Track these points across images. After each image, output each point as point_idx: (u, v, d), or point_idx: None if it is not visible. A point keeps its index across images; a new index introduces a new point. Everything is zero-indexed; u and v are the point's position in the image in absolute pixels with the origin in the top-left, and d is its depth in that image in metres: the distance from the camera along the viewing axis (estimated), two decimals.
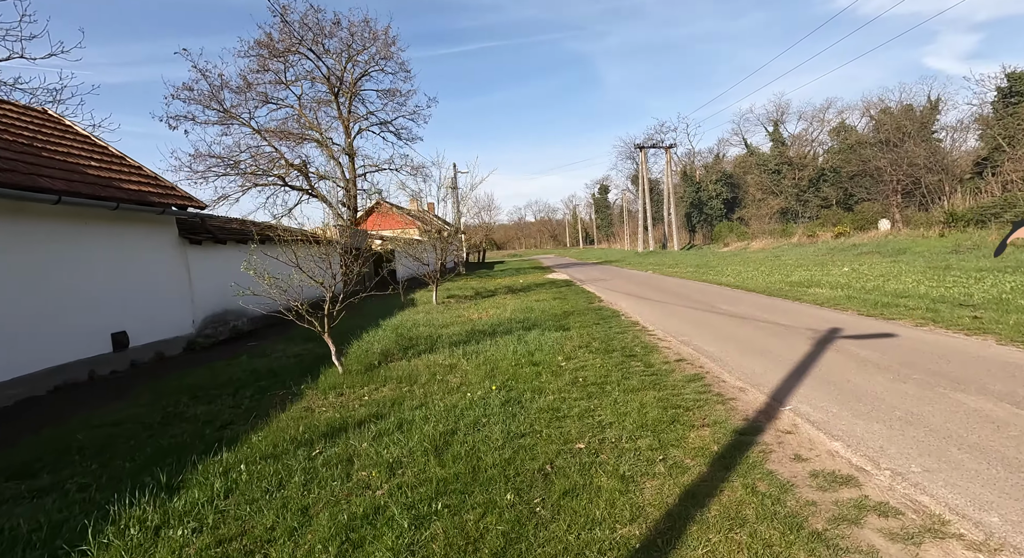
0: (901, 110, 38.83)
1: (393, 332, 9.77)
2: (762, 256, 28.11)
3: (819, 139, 50.06)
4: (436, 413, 5.00)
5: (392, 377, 6.57)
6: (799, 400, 4.97)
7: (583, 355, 7.27)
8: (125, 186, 8.46)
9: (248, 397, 6.14)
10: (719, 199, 53.12)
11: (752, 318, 9.51)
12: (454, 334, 9.33)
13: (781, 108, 51.16)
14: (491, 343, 8.26)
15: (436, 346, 8.33)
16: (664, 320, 10.06)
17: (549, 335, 8.75)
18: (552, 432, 4.41)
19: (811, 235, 32.24)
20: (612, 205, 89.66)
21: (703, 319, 9.87)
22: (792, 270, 18.19)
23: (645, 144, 53.01)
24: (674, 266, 26.03)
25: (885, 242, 24.34)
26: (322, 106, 23.86)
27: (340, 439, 4.44)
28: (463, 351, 7.77)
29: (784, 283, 14.40)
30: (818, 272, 16.78)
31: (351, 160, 24.46)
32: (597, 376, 6.09)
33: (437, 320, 11.34)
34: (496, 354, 7.52)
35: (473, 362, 7.16)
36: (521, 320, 10.64)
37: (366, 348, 8.29)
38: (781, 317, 9.38)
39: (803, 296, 11.67)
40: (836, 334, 7.63)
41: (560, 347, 7.79)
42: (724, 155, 60.30)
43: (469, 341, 8.56)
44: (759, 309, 10.50)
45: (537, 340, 8.33)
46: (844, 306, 9.94)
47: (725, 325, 9.07)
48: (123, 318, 8.44)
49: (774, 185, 47.41)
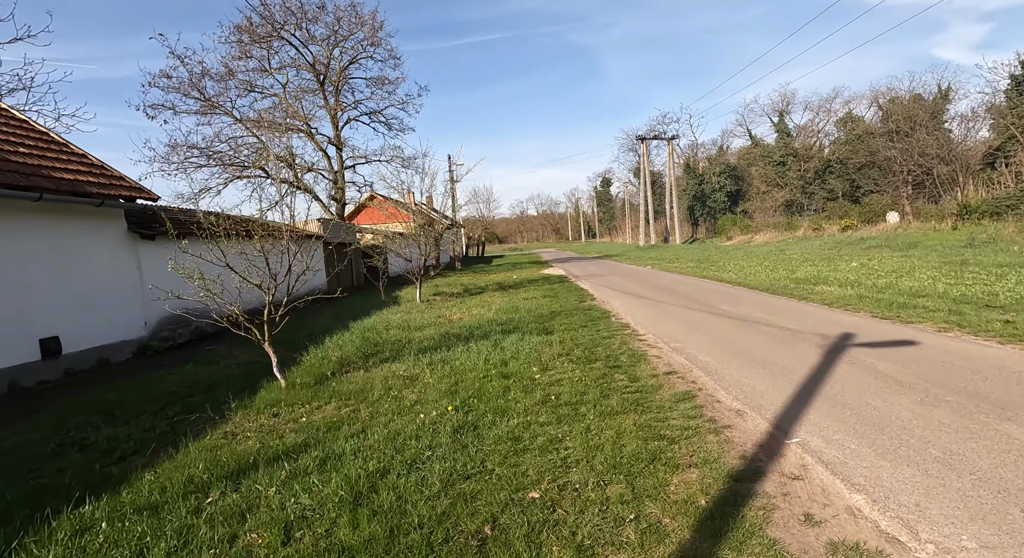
0: (910, 99, 37.62)
1: (361, 336, 8.95)
2: (766, 250, 27.16)
3: (825, 130, 48.83)
4: (373, 443, 4.18)
5: (341, 392, 5.76)
6: (808, 429, 4.12)
7: (562, 365, 6.44)
8: (56, 175, 7.63)
9: (170, 417, 5.34)
10: (722, 192, 52.00)
11: (754, 321, 8.64)
12: (427, 338, 8.51)
13: (786, 98, 49.94)
14: (463, 350, 7.44)
15: (403, 353, 7.51)
16: (657, 322, 9.20)
17: (529, 340, 7.91)
18: (505, 472, 3.58)
19: (817, 228, 31.24)
20: (614, 198, 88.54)
21: (700, 321, 9.00)
22: (797, 265, 17.28)
23: (647, 135, 51.89)
24: (674, 261, 25.12)
25: (895, 235, 23.36)
26: (307, 95, 22.95)
27: (246, 481, 3.62)
28: (430, 360, 6.95)
29: (789, 280, 13.51)
30: (825, 267, 15.87)
31: (339, 151, 23.59)
32: (573, 393, 5.25)
33: (414, 321, 10.52)
34: (466, 363, 6.70)
35: (437, 373, 6.34)
36: (503, 321, 9.81)
37: (324, 355, 7.48)
38: (786, 320, 8.52)
39: (810, 295, 10.79)
40: (849, 341, 6.76)
41: (538, 355, 6.95)
42: (728, 147, 59.12)
43: (440, 347, 7.74)
44: (762, 310, 9.63)
45: (514, 347, 7.50)
46: (856, 307, 9.06)
47: (723, 329, 8.21)
48: (56, 322, 7.64)
49: (779, 177, 46.28)
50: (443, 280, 22.10)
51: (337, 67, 23.29)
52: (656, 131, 53.77)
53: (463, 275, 25.25)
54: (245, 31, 20.13)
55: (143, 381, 7.07)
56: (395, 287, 18.68)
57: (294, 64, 22.50)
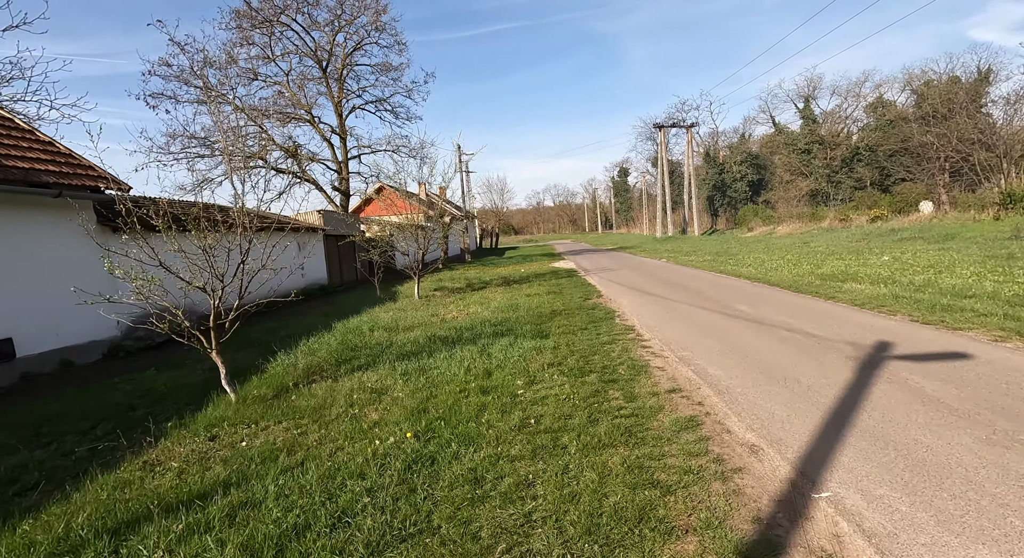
0: (947, 82, 35.52)
1: (341, 338, 8.28)
2: (789, 242, 25.84)
3: (854, 116, 46.63)
4: (306, 484, 3.47)
5: (297, 409, 5.07)
6: (842, 478, 3.27)
7: (551, 378, 5.65)
8: (9, 164, 7.06)
9: (98, 437, 4.71)
10: (743, 181, 50.21)
11: (773, 324, 7.71)
12: (411, 341, 7.79)
13: (812, 83, 47.75)
14: (446, 356, 6.70)
15: (380, 359, 6.80)
16: (665, 325, 8.33)
17: (521, 345, 7.14)
18: (452, 532, 2.83)
19: (844, 219, 29.70)
20: (632, 188, 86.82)
21: (712, 324, 8.11)
22: (823, 259, 16.13)
23: (665, 123, 50.28)
24: (691, 253, 24.02)
25: (929, 226, 21.90)
26: (310, 83, 22.31)
27: (130, 541, 2.93)
28: (406, 368, 6.23)
29: (814, 276, 12.45)
30: (854, 262, 14.73)
31: (343, 141, 22.96)
32: (556, 416, 4.47)
33: (404, 320, 9.82)
34: (445, 373, 5.97)
35: (411, 385, 5.62)
36: (499, 322, 9.05)
37: (292, 362, 6.80)
38: (811, 323, 7.58)
39: (838, 294, 9.78)
40: (886, 352, 5.83)
41: (526, 365, 6.17)
42: (750, 135, 57.07)
43: (423, 352, 7.02)
44: (784, 311, 8.69)
45: (503, 353, 6.73)
46: (891, 308, 8.06)
47: (739, 334, 7.31)
48: (11, 322, 7.10)
49: (803, 166, 44.39)
50: (449, 274, 21.42)
51: (341, 54, 22.59)
52: (675, 119, 52.09)
53: (470, 268, 24.54)
54: (244, 16, 19.52)
55: (97, 389, 6.50)
56: (398, 281, 18.06)
57: (297, 51, 21.86)
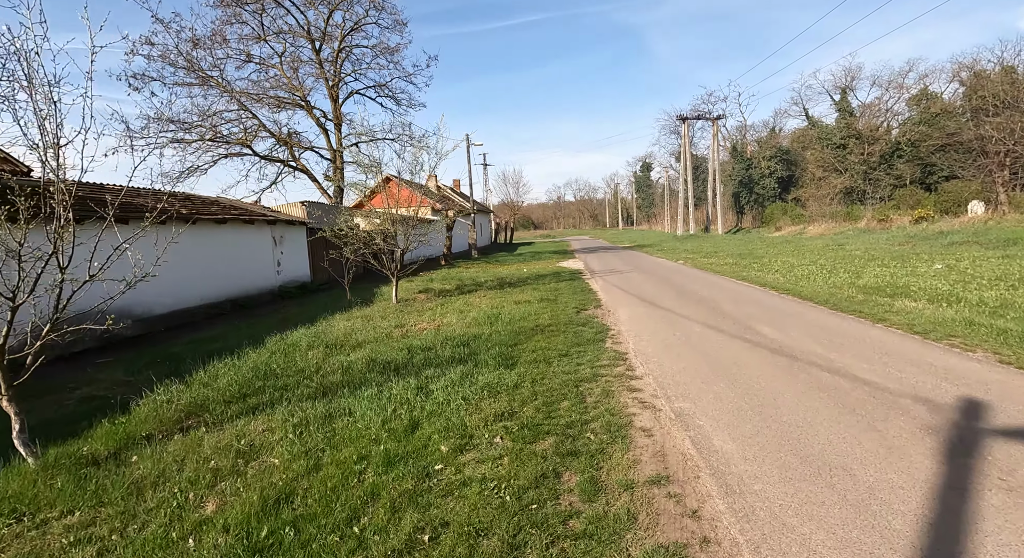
0: (1000, 72, 32.41)
1: (263, 358, 6.77)
2: (821, 244, 23.56)
3: (895, 109, 43.45)
4: None
5: (118, 484, 3.56)
6: None
7: (491, 441, 4.03)
8: None
9: None
10: (772, 177, 47.43)
11: (809, 360, 5.92)
12: (344, 367, 6.24)
13: (851, 73, 44.67)
14: (376, 393, 5.16)
15: (289, 394, 5.28)
16: (666, 354, 6.59)
17: (476, 380, 5.53)
18: None
19: (883, 219, 27.20)
20: (655, 184, 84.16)
21: (727, 356, 6.34)
22: (863, 265, 14.07)
23: (689, 115, 47.78)
24: (712, 255, 21.99)
25: (984, 229, 19.48)
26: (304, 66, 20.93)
27: None
28: (308, 414, 4.68)
29: (854, 287, 10.51)
30: (900, 270, 12.67)
31: (337, 128, 21.54)
32: (466, 531, 2.84)
33: (359, 334, 8.29)
34: (357, 424, 4.44)
35: (298, 445, 4.07)
36: (467, 340, 7.45)
37: (170, 398, 5.29)
38: (859, 361, 5.77)
39: (889, 314, 7.89)
40: (982, 421, 4.02)
41: (467, 415, 4.55)
42: (780, 129, 54.09)
43: (351, 385, 5.49)
44: (820, 338, 6.87)
45: (447, 392, 5.13)
46: (966, 340, 6.19)
47: (761, 374, 5.54)
48: None
49: (838, 161, 41.49)
50: (445, 272, 19.89)
51: (338, 35, 21.13)
52: (700, 111, 49.43)
53: (472, 266, 22.97)
54: None
55: None
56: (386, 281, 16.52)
57: (290, 31, 20.48)
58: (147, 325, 9.88)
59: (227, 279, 12.56)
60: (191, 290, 11.22)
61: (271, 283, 14.49)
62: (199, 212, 11.59)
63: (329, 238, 11.97)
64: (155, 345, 8.61)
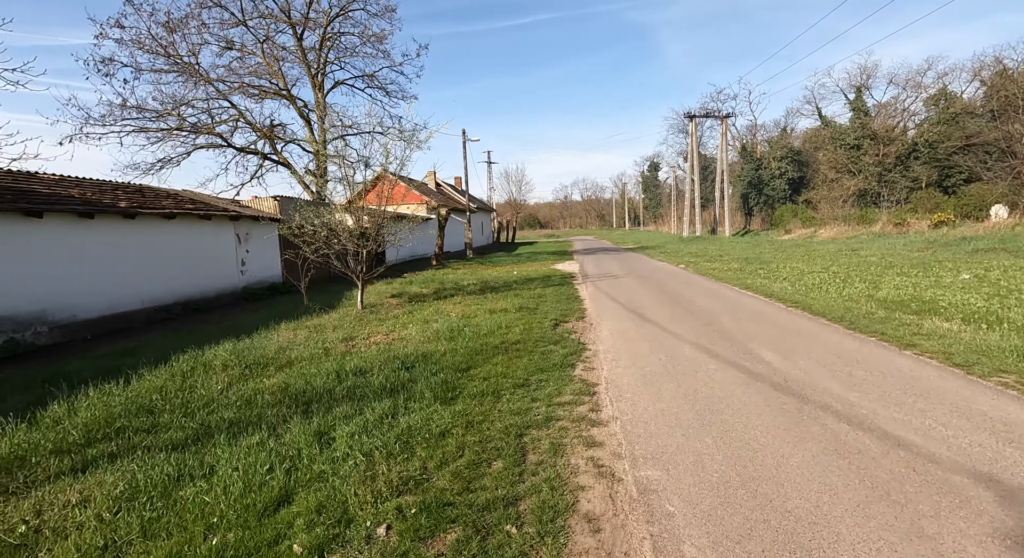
0: None
1: (148, 386, 5.62)
2: (833, 248, 22.16)
3: (911, 109, 41.75)
4: None
5: None
6: None
7: (369, 535, 2.85)
8: None
9: None
10: (783, 179, 45.86)
11: (821, 403, 4.68)
12: (245, 399, 5.09)
13: (867, 71, 43.01)
14: (256, 445, 3.99)
15: (153, 438, 4.13)
16: (644, 388, 5.37)
17: (396, 423, 4.36)
18: None
19: (899, 223, 25.73)
20: (662, 184, 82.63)
21: (719, 393, 5.11)
22: (880, 273, 12.75)
23: (697, 113, 46.28)
24: (716, 258, 20.68)
25: (1012, 235, 18.05)
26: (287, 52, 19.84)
27: None
28: (144, 480, 3.52)
29: (873, 300, 9.22)
30: (923, 279, 11.35)
31: (321, 120, 20.44)
32: None
33: (296, 349, 7.15)
34: (200, 501, 3.24)
35: (110, 531, 2.91)
36: (412, 362, 6.30)
37: None
38: (886, 406, 4.53)
39: (917, 337, 6.62)
40: None
41: (355, 487, 3.37)
42: (792, 129, 52.40)
43: (235, 426, 4.33)
44: (835, 371, 5.62)
45: (346, 447, 3.96)
46: (1022, 376, 4.93)
47: (760, 424, 4.31)
48: None
49: (851, 163, 39.90)
50: (430, 274, 18.75)
51: (324, 21, 20.02)
52: (709, 109, 47.82)
53: (462, 267, 21.81)
54: None
55: None
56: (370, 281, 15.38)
57: (271, 16, 19.39)
58: (69, 332, 8.79)
59: (178, 279, 11.46)
60: (130, 291, 10.12)
61: (233, 284, 13.39)
62: (143, 206, 10.49)
63: (287, 236, 10.85)
64: (62, 358, 7.51)
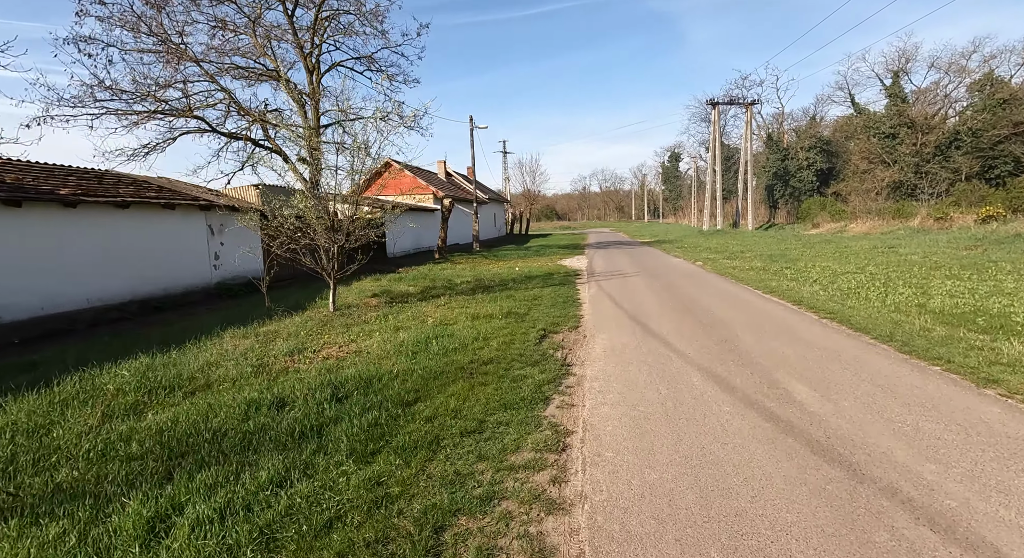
0: None
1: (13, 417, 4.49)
2: (867, 245, 20.30)
3: (953, 96, 38.93)
4: None
5: None
6: None
7: None
8: None
9: None
10: (811, 169, 43.47)
11: (883, 482, 3.30)
12: (95, 455, 3.92)
13: (906, 54, 40.18)
14: (59, 536, 2.78)
15: None
16: (633, 442, 4.04)
17: (276, 502, 3.14)
18: None
19: (941, 217, 23.64)
20: (683, 175, 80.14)
21: (735, 459, 3.76)
22: (926, 276, 11.10)
23: (720, 100, 44.04)
24: (737, 255, 19.04)
25: None
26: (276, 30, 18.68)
27: None
28: None
29: (925, 312, 7.70)
30: (980, 284, 9.72)
31: (315, 104, 19.30)
32: None
33: (218, 368, 5.99)
34: None
35: None
36: (350, 390, 5.09)
37: None
38: (983, 488, 3.14)
39: (998, 369, 5.13)
40: None
41: None
42: (822, 117, 49.70)
43: (50, 502, 3.16)
44: (895, 421, 4.21)
45: (183, 544, 2.73)
46: None
47: (796, 521, 2.96)
48: None
49: (886, 152, 37.43)
50: (425, 269, 17.56)
51: None
52: (733, 96, 45.47)
53: (463, 262, 20.57)
54: None
55: None
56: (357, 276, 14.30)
57: None
58: (6, 332, 7.78)
59: (138, 275, 10.42)
60: (74, 289, 9.09)
61: (205, 279, 12.34)
62: (89, 193, 9.43)
63: (252, 229, 9.72)
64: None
